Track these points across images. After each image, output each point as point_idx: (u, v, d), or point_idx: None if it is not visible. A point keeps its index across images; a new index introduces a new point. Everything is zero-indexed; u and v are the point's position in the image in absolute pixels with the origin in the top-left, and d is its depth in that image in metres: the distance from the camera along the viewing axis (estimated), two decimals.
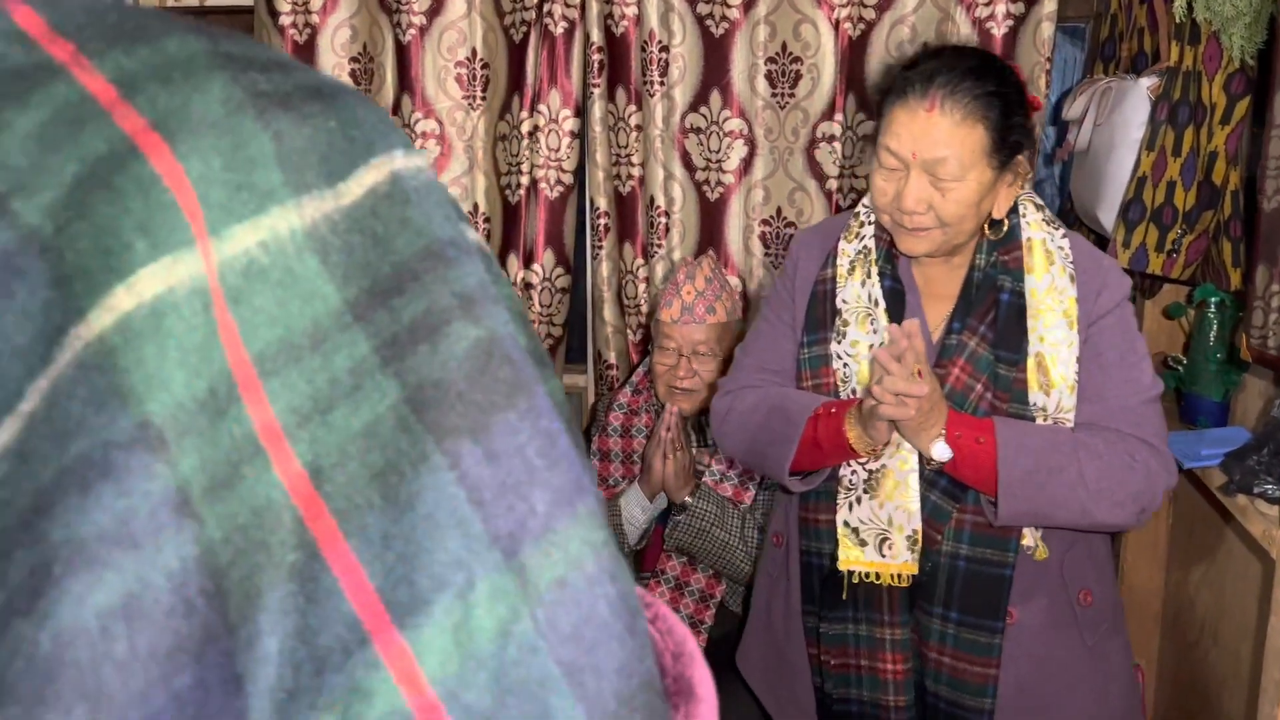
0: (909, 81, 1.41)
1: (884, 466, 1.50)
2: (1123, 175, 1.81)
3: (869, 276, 1.54)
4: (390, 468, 0.31)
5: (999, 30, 2.46)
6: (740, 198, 2.67)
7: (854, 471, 1.52)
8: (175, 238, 0.31)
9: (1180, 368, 1.86)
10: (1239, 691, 1.83)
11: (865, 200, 1.60)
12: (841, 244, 1.59)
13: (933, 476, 1.48)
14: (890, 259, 1.55)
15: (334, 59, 2.77)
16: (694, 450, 2.26)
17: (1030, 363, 1.45)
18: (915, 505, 1.48)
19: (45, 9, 0.34)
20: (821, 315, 1.58)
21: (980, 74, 1.41)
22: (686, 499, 2.10)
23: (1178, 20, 1.69)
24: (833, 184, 2.61)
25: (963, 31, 2.48)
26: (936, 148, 1.38)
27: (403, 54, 2.70)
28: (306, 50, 2.76)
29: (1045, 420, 1.46)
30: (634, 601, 0.34)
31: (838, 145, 2.58)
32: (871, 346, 1.51)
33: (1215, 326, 1.75)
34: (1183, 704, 2.00)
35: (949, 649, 1.50)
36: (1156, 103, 1.75)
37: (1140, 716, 1.66)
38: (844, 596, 1.54)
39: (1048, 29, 2.45)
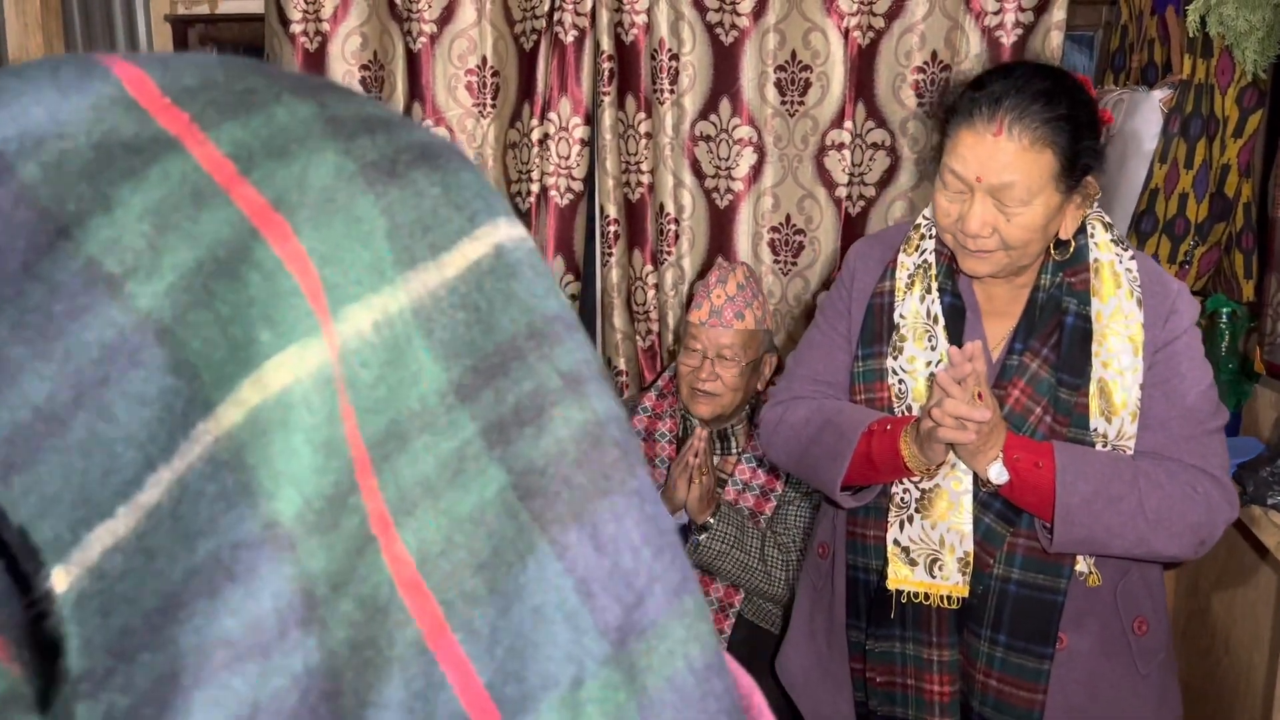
0: (976, 103, 1.37)
1: (937, 486, 1.47)
2: (1135, 187, 1.82)
3: (929, 292, 1.51)
4: (497, 557, 0.31)
5: (1008, 39, 2.47)
6: (749, 205, 2.68)
7: (906, 490, 1.50)
8: (300, 326, 0.30)
9: None
10: (1251, 701, 1.84)
11: (926, 212, 1.56)
12: (901, 256, 1.56)
13: (987, 499, 1.46)
14: (951, 275, 1.52)
15: (344, 67, 2.78)
16: (716, 459, 2.27)
17: (1093, 388, 1.42)
18: (968, 527, 1.46)
19: (155, 71, 0.33)
20: (878, 329, 1.55)
21: (1050, 97, 1.36)
22: (709, 519, 2.11)
23: (1190, 34, 1.69)
24: (841, 191, 2.62)
25: (971, 40, 2.49)
26: (1003, 173, 1.35)
27: (413, 62, 2.71)
28: (317, 58, 2.77)
29: (1105, 447, 1.44)
30: (736, 695, 0.34)
31: (847, 153, 2.59)
32: (929, 364, 1.49)
33: (1227, 338, 1.76)
34: (1195, 713, 2.01)
35: (996, 672, 1.49)
36: (1169, 115, 1.76)
37: None
38: (892, 615, 1.53)
39: (1056, 38, 2.46)
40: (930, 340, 1.50)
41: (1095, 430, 1.43)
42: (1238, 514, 1.45)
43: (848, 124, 2.58)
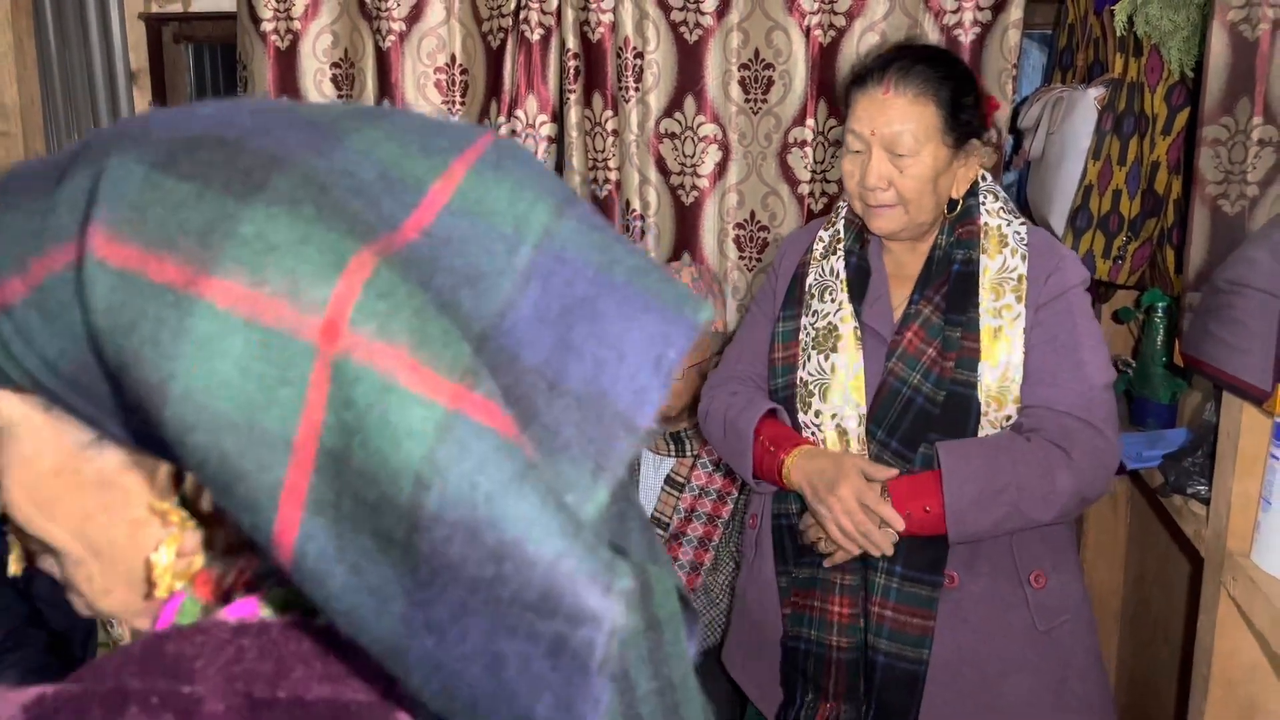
0: (868, 69, 1.59)
1: (839, 425, 1.61)
2: (1072, 183, 1.85)
3: (835, 254, 1.68)
4: None
5: (966, 37, 2.50)
6: (715, 202, 2.71)
7: (813, 433, 1.64)
8: None
9: (1130, 371, 1.90)
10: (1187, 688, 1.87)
11: (843, 198, 1.74)
12: (820, 232, 1.75)
13: (885, 438, 1.58)
14: (859, 240, 1.69)
15: (315, 64, 2.81)
16: (670, 462, 2.30)
17: (982, 333, 1.54)
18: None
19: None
20: (798, 294, 1.72)
21: (931, 61, 1.57)
22: None
23: (1119, 32, 1.72)
24: (805, 188, 2.65)
25: (931, 38, 2.52)
26: (892, 123, 1.53)
27: (383, 60, 2.74)
28: (288, 56, 2.80)
29: (991, 390, 1.54)
30: None
31: (809, 150, 2.62)
32: (827, 315, 1.64)
33: (1162, 331, 1.79)
34: (1141, 702, 2.04)
35: (891, 602, 1.59)
36: (1102, 113, 1.79)
37: (1110, 716, 1.67)
38: (818, 551, 1.64)
39: (1014, 36, 2.48)
40: (833, 296, 1.65)
41: (981, 376, 1.53)
42: (1116, 462, 1.54)
43: (810, 122, 2.61)
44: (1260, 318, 1.28)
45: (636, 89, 2.66)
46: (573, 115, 2.73)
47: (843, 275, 1.66)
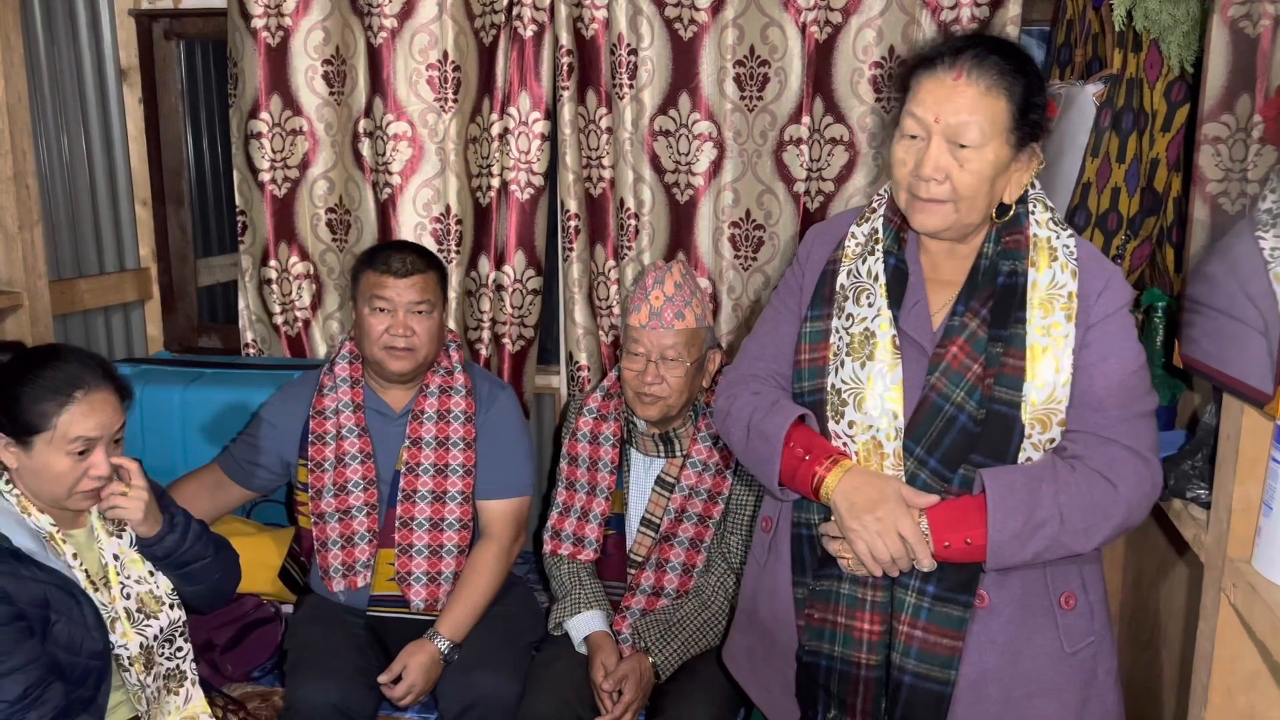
0: (939, 52, 1.47)
1: (874, 436, 1.54)
2: (1070, 181, 1.82)
3: (872, 254, 1.58)
4: None
5: (963, 32, 2.47)
6: (709, 200, 2.69)
7: (845, 444, 1.57)
8: None
9: None
10: (1183, 694, 1.84)
11: (881, 189, 1.64)
12: (853, 228, 1.64)
13: (923, 456, 1.52)
14: (898, 241, 1.59)
15: (307, 61, 2.78)
16: (660, 462, 2.27)
17: (1029, 352, 1.48)
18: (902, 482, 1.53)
19: None
20: (828, 293, 1.63)
21: (1006, 54, 1.46)
22: (656, 663, 2.17)
23: (1118, 27, 1.70)
24: (800, 187, 2.62)
25: (928, 35, 2.49)
26: (960, 113, 1.43)
27: (374, 56, 2.72)
28: (279, 53, 2.77)
29: (1035, 410, 1.48)
30: None
31: (805, 148, 2.59)
32: (864, 320, 1.56)
33: (1161, 331, 1.76)
34: (1138, 706, 2.02)
35: (921, 622, 1.54)
36: (1101, 109, 1.76)
37: None
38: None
39: (1012, 32, 2.46)
40: (869, 299, 1.56)
41: (1026, 396, 1.47)
42: (1159, 490, 1.50)
43: (806, 119, 2.58)
44: (1258, 322, 1.26)
45: (630, 86, 2.64)
46: (566, 112, 2.70)
47: (882, 278, 1.56)
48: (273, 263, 2.90)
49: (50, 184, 2.74)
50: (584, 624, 2.21)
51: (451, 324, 2.82)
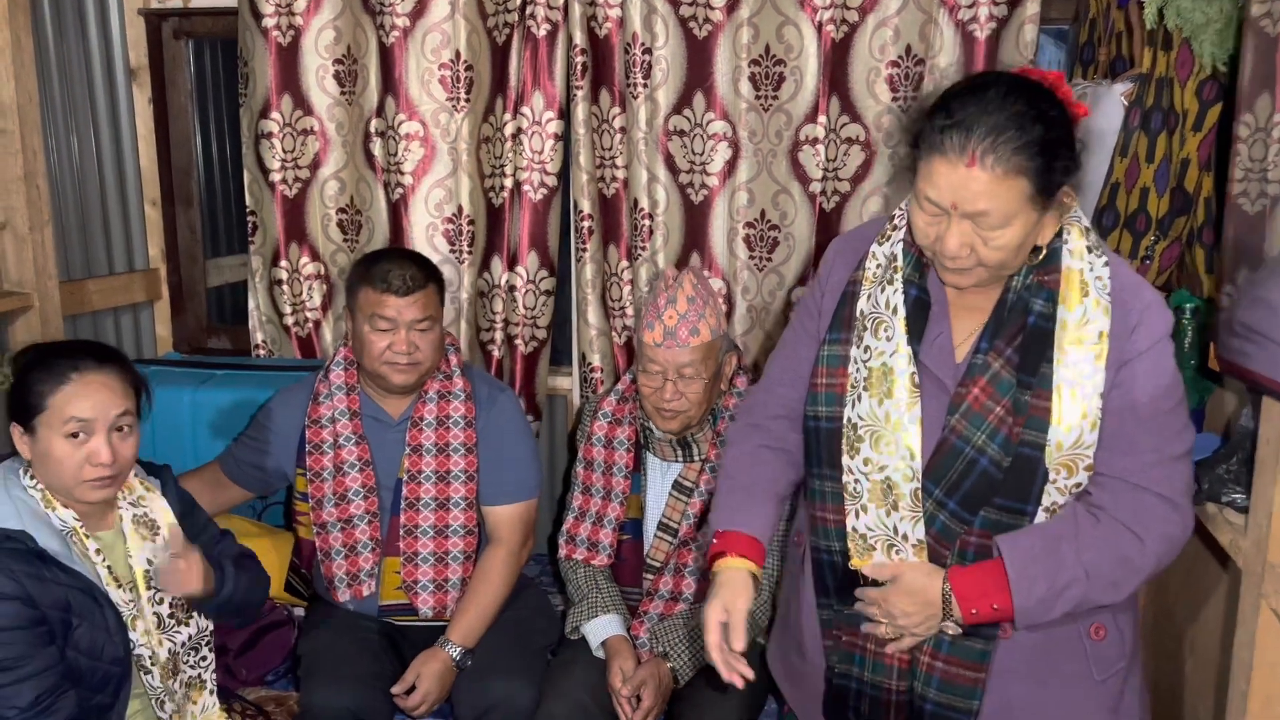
0: (947, 133, 1.34)
1: (888, 479, 1.49)
2: (1097, 181, 1.80)
3: (891, 284, 1.51)
4: None
5: (981, 33, 2.45)
6: (724, 200, 2.67)
7: (857, 481, 1.51)
8: None
9: None
10: (1217, 701, 1.82)
11: (903, 204, 1.53)
12: (873, 247, 1.56)
13: (942, 498, 1.47)
14: (919, 268, 1.51)
15: (318, 60, 2.76)
16: (678, 468, 2.24)
17: (1055, 395, 1.41)
18: (920, 524, 1.48)
19: None
20: (847, 316, 1.56)
21: (1022, 122, 1.32)
22: (673, 666, 2.14)
23: (1149, 26, 1.67)
24: (816, 187, 2.60)
25: (946, 34, 2.47)
26: (977, 201, 1.33)
27: (386, 56, 2.70)
28: (290, 53, 2.75)
29: (1061, 455, 1.43)
30: None
31: (821, 148, 2.57)
32: (882, 354, 1.49)
33: (1190, 333, 1.74)
34: (1160, 715, 1.99)
35: (942, 654, 1.51)
36: (1130, 109, 1.74)
37: None
38: (862, 582, 1.56)
39: (1030, 31, 2.44)
40: (887, 332, 1.50)
41: (1051, 440, 1.42)
42: (1189, 534, 1.44)
43: (822, 119, 2.56)
44: None
45: (645, 85, 2.62)
46: (580, 112, 2.68)
47: (901, 311, 1.49)
48: (283, 263, 2.88)
49: (59, 184, 2.71)
50: (601, 628, 2.19)
51: (463, 325, 2.80)
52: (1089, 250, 1.45)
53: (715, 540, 1.60)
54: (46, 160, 2.53)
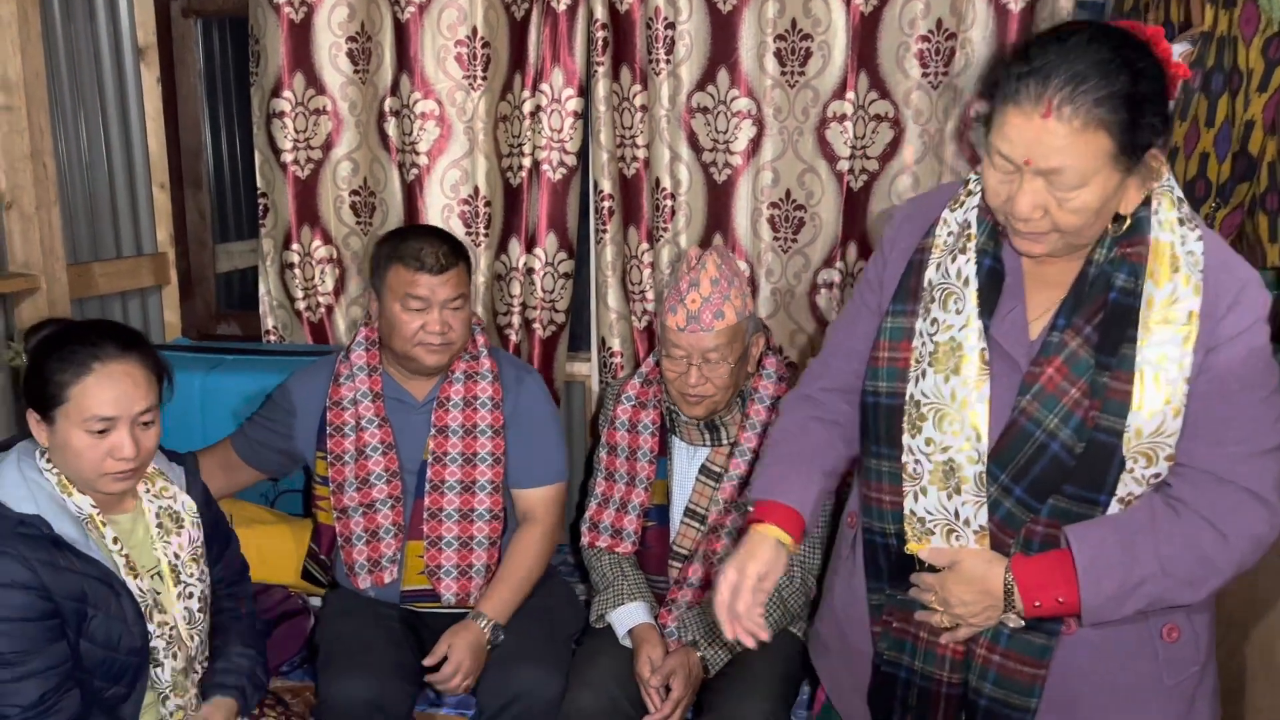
0: (1024, 79, 1.24)
1: (951, 460, 1.40)
2: None
3: (963, 253, 1.41)
4: None
5: (1015, 6, 2.39)
6: (748, 179, 2.60)
7: (918, 461, 1.43)
8: None
9: None
10: (1270, 689, 1.75)
11: (979, 168, 1.41)
12: (945, 213, 1.46)
13: (1009, 483, 1.39)
14: (995, 237, 1.42)
15: (331, 38, 2.69)
16: (706, 451, 2.18)
17: (1137, 375, 1.32)
18: (985, 508, 1.40)
19: None
20: (914, 286, 1.47)
21: (1106, 71, 1.21)
22: (706, 654, 2.08)
23: None
24: (844, 165, 2.53)
25: (977, 7, 2.40)
26: (1052, 157, 1.23)
27: (401, 33, 2.63)
28: (303, 30, 2.68)
29: (1141, 443, 1.33)
30: None
31: (849, 125, 2.51)
32: (950, 328, 1.40)
33: None
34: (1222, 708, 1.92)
35: (1000, 648, 1.44)
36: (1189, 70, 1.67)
37: None
38: (917, 568, 1.48)
39: (1066, 5, 2.37)
40: (957, 304, 1.40)
41: (1130, 426, 1.33)
42: (1278, 534, 1.35)
43: (850, 95, 2.50)
44: None
45: (667, 61, 2.55)
46: (600, 89, 2.61)
47: (973, 283, 1.39)
48: (295, 246, 2.81)
49: (66, 165, 2.65)
50: (628, 616, 2.13)
51: (480, 309, 2.73)
52: (1181, 222, 1.34)
53: (752, 509, 1.53)
54: (53, 139, 2.46)
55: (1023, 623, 1.41)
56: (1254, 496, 1.32)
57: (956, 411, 1.39)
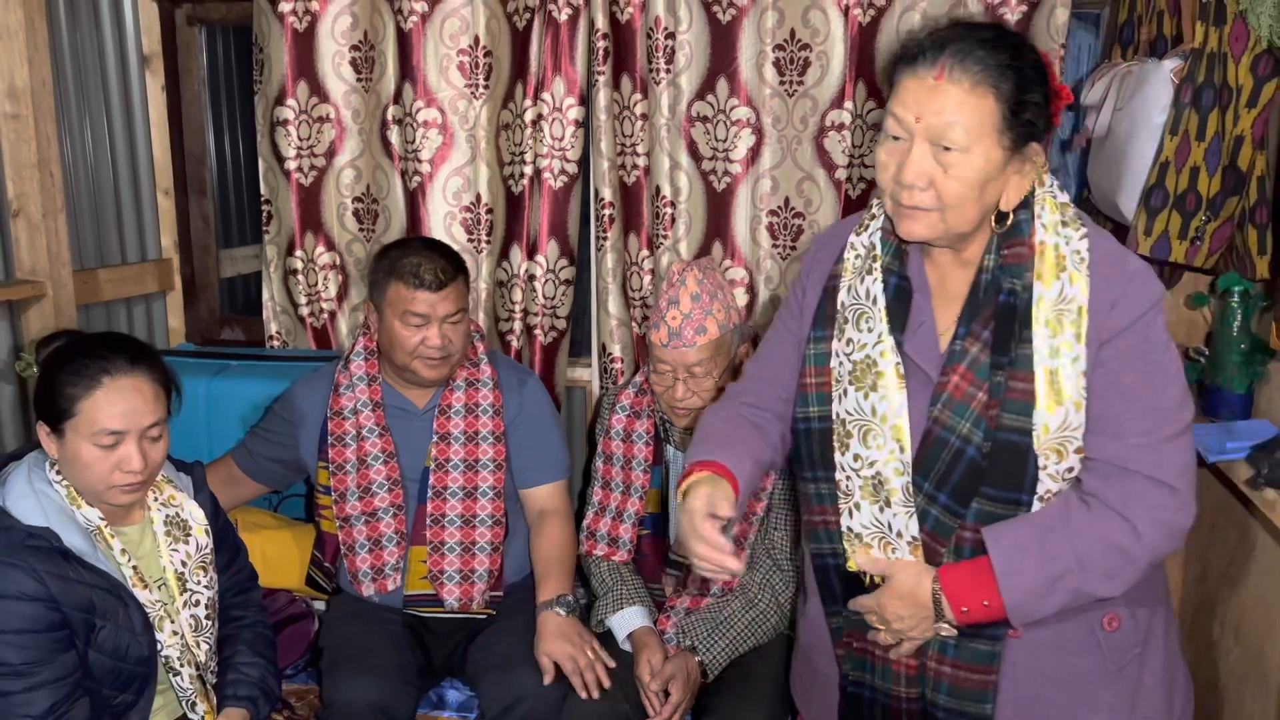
0: (921, 48, 1.34)
1: (878, 474, 1.46)
2: (1144, 161, 1.76)
3: (869, 273, 1.48)
4: None
5: (1012, 16, 2.41)
6: (748, 188, 2.62)
7: (849, 477, 1.48)
8: None
9: (1203, 359, 1.81)
10: (1262, 693, 1.78)
11: (876, 193, 1.49)
12: (852, 238, 1.53)
13: (932, 491, 1.43)
14: (899, 256, 1.48)
15: (334, 47, 2.72)
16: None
17: (1039, 376, 1.36)
18: (914, 518, 1.45)
19: None
20: (830, 312, 1.53)
21: (995, 45, 1.32)
22: (702, 661, 2.10)
23: (1202, 0, 1.64)
24: (842, 174, 2.56)
25: (975, 18, 2.43)
26: (943, 113, 1.31)
27: (404, 42, 2.66)
28: (306, 39, 2.71)
29: (1049, 439, 1.37)
30: None
31: (847, 134, 2.53)
32: (864, 347, 1.46)
33: (1239, 317, 1.70)
34: (1202, 705, 1.95)
35: (949, 659, 1.47)
36: (1180, 86, 1.70)
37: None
38: (866, 585, 1.52)
39: (1062, 15, 2.40)
40: (869, 323, 1.46)
41: (1037, 423, 1.37)
42: (1193, 520, 1.38)
43: (848, 104, 2.52)
44: None
45: (667, 71, 2.57)
46: (601, 98, 2.64)
47: (881, 300, 1.46)
48: (298, 253, 2.84)
49: (72, 172, 2.67)
50: (628, 620, 2.15)
51: (481, 315, 2.76)
52: (1065, 224, 1.40)
53: (687, 471, 1.56)
54: (60, 147, 2.48)
55: (955, 631, 1.45)
56: (1159, 485, 1.35)
57: (879, 426, 1.44)
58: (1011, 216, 1.40)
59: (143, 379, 1.66)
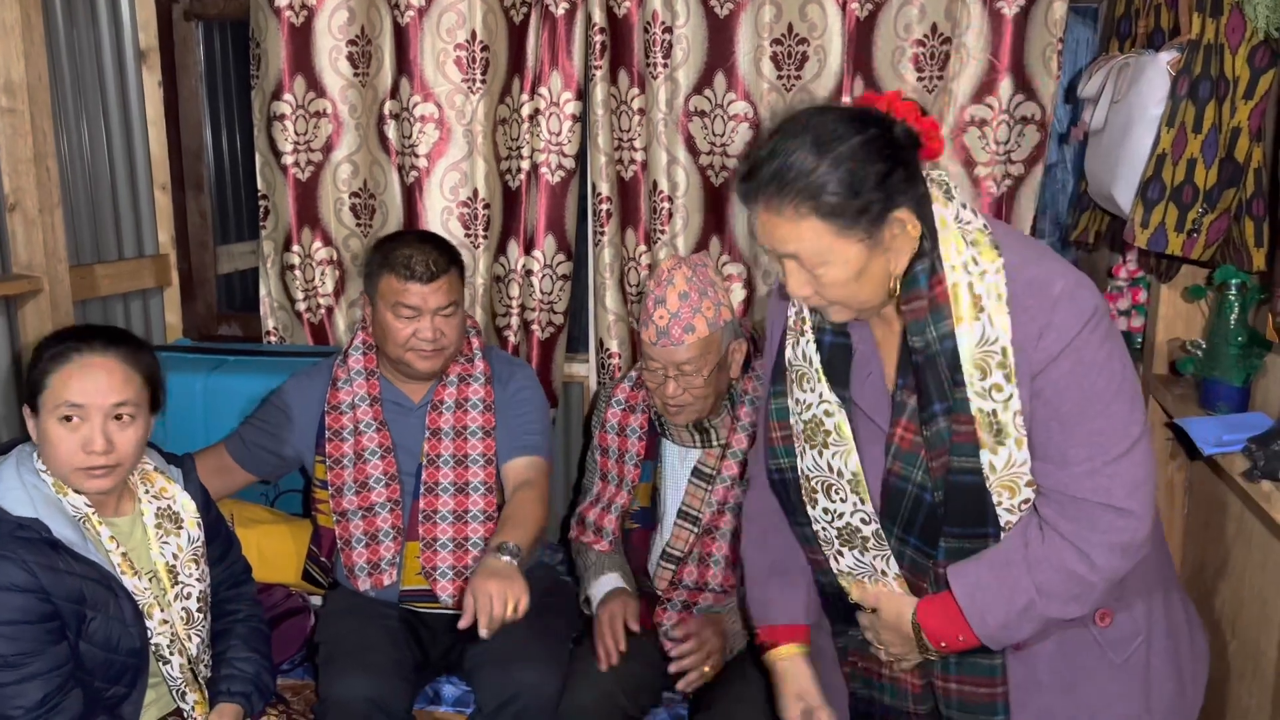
0: (741, 177, 1.36)
1: (849, 524, 1.49)
2: (1141, 154, 1.76)
3: (803, 334, 1.49)
4: None
5: (1010, 10, 2.41)
6: None
7: (824, 528, 1.52)
8: None
9: (1199, 352, 1.81)
10: (1259, 687, 1.78)
11: None
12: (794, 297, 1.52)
13: (902, 535, 1.46)
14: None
15: (331, 41, 2.72)
16: (698, 453, 2.20)
17: (977, 419, 1.36)
18: (892, 560, 1.49)
19: None
20: (783, 367, 1.56)
21: (804, 167, 1.28)
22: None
23: None
24: None
25: (973, 12, 2.43)
26: (785, 243, 1.32)
27: (401, 36, 2.65)
28: (303, 33, 2.70)
29: (999, 477, 1.38)
30: None
31: None
32: (808, 405, 1.49)
33: (1236, 309, 1.70)
34: (1207, 698, 1.95)
35: (954, 676, 1.50)
36: (1177, 78, 1.69)
37: (1198, 701, 1.57)
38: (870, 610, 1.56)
39: (1060, 9, 2.39)
40: (809, 383, 1.49)
41: (985, 463, 1.37)
42: (1149, 529, 1.37)
43: (846, 98, 2.52)
44: None
45: (665, 65, 2.57)
46: (598, 93, 2.63)
47: (816, 361, 1.47)
48: (295, 248, 2.84)
49: (69, 167, 2.67)
50: (605, 583, 2.17)
51: (479, 311, 2.75)
52: (975, 261, 1.36)
53: (759, 634, 1.69)
54: (56, 142, 2.48)
55: (940, 658, 1.50)
56: (1109, 509, 1.35)
57: (838, 480, 1.48)
58: (902, 280, 1.38)
59: (114, 360, 1.66)
